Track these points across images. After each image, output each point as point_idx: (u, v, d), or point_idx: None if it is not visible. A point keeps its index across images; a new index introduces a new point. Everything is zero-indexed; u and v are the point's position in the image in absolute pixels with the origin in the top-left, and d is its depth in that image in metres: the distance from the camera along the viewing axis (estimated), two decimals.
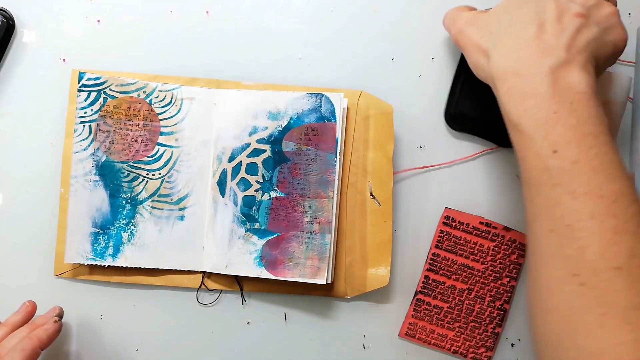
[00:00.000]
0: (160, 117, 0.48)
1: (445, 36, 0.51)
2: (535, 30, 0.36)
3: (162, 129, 0.48)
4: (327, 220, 0.47)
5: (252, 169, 0.48)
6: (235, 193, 0.48)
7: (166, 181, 0.48)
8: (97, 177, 0.48)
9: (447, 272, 0.49)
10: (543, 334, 0.35)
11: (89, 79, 0.48)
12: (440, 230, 0.50)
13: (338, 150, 0.47)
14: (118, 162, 0.48)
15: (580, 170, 0.33)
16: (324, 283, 0.46)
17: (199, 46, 0.50)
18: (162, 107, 0.48)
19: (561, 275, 0.33)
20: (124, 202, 0.48)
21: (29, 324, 0.46)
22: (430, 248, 0.50)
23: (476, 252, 0.49)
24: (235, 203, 0.48)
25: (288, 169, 0.47)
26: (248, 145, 0.48)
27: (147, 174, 0.48)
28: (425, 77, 0.51)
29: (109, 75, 0.48)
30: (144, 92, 0.48)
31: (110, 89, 0.48)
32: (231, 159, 0.48)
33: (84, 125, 0.48)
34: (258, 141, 0.48)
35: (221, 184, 0.48)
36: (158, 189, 0.48)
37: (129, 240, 0.48)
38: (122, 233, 0.48)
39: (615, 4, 0.41)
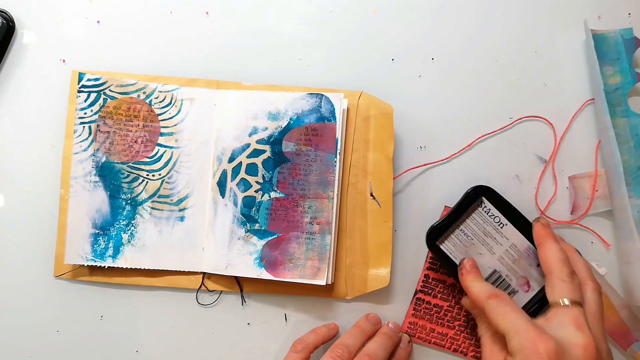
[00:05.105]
0: (160, 117, 0.48)
1: (445, 36, 0.51)
2: None
3: (162, 130, 0.48)
4: (327, 221, 0.47)
5: (252, 169, 0.48)
6: (235, 194, 0.48)
7: (166, 182, 0.48)
8: (97, 178, 0.48)
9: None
10: None
11: (88, 80, 0.48)
12: None
13: (338, 151, 0.47)
14: (118, 162, 0.48)
15: None
16: (324, 284, 0.46)
17: (198, 47, 0.50)
18: (162, 107, 0.48)
19: None
20: (123, 203, 0.48)
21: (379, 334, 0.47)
22: None
23: None
24: (235, 204, 0.48)
25: (288, 169, 0.47)
26: (248, 145, 0.48)
27: (147, 175, 0.48)
28: (425, 77, 0.51)
29: (109, 76, 0.48)
30: (144, 92, 0.48)
31: (110, 90, 0.48)
32: (231, 160, 0.48)
33: (83, 126, 0.48)
34: (258, 142, 0.48)
35: (221, 184, 0.48)
36: (158, 189, 0.48)
37: (129, 241, 0.48)
38: (122, 234, 0.48)
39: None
